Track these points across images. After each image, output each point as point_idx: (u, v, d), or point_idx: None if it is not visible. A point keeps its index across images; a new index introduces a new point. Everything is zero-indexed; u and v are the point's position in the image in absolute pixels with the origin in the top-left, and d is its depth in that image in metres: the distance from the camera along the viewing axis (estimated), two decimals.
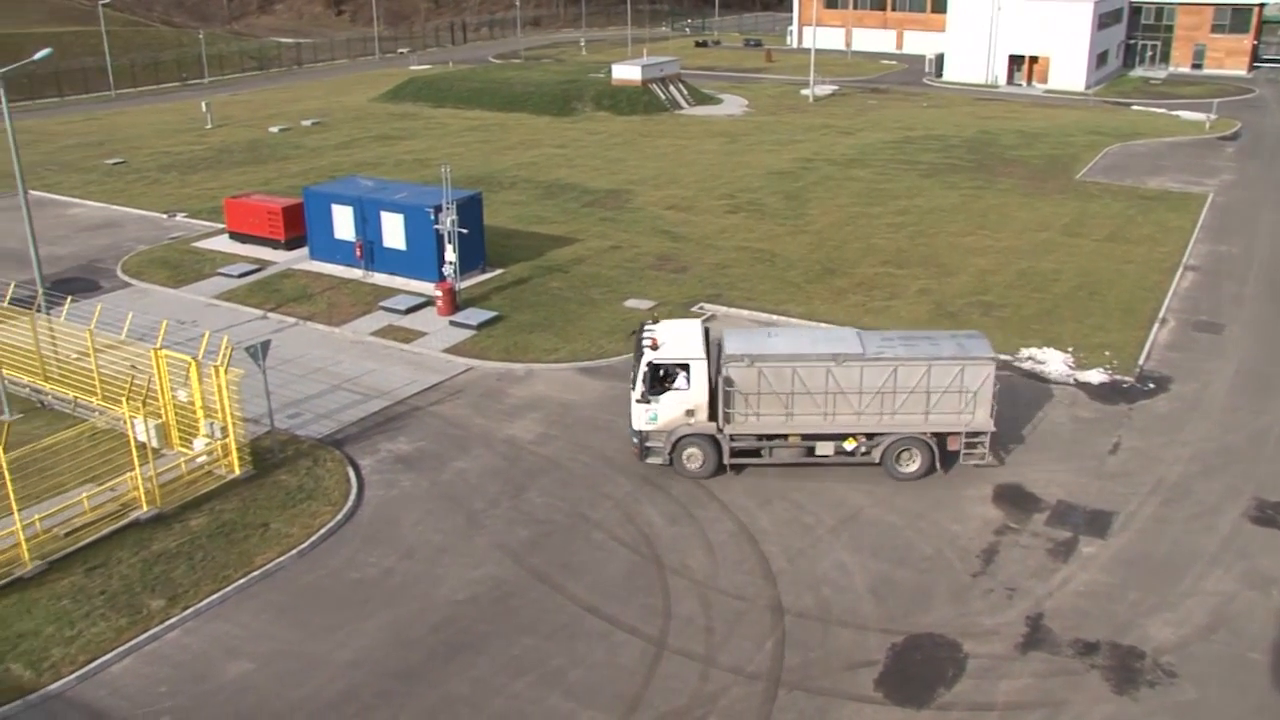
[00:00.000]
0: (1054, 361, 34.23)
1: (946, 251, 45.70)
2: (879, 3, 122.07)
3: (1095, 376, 33.36)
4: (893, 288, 41.16)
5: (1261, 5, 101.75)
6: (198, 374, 28.00)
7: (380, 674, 20.73)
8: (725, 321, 37.45)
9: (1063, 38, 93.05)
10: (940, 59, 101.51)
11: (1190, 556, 24.17)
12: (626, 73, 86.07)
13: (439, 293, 38.45)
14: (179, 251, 46.95)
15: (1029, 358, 34.57)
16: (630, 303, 39.31)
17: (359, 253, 42.47)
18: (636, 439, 27.72)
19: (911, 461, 27.43)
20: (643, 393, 27.14)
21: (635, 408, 27.43)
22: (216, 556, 24.19)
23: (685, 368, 27.14)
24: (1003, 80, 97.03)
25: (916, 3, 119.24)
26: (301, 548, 24.62)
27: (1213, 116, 77.10)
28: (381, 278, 42.28)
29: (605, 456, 28.55)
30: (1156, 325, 37.61)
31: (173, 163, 65.84)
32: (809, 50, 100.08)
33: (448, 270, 39.52)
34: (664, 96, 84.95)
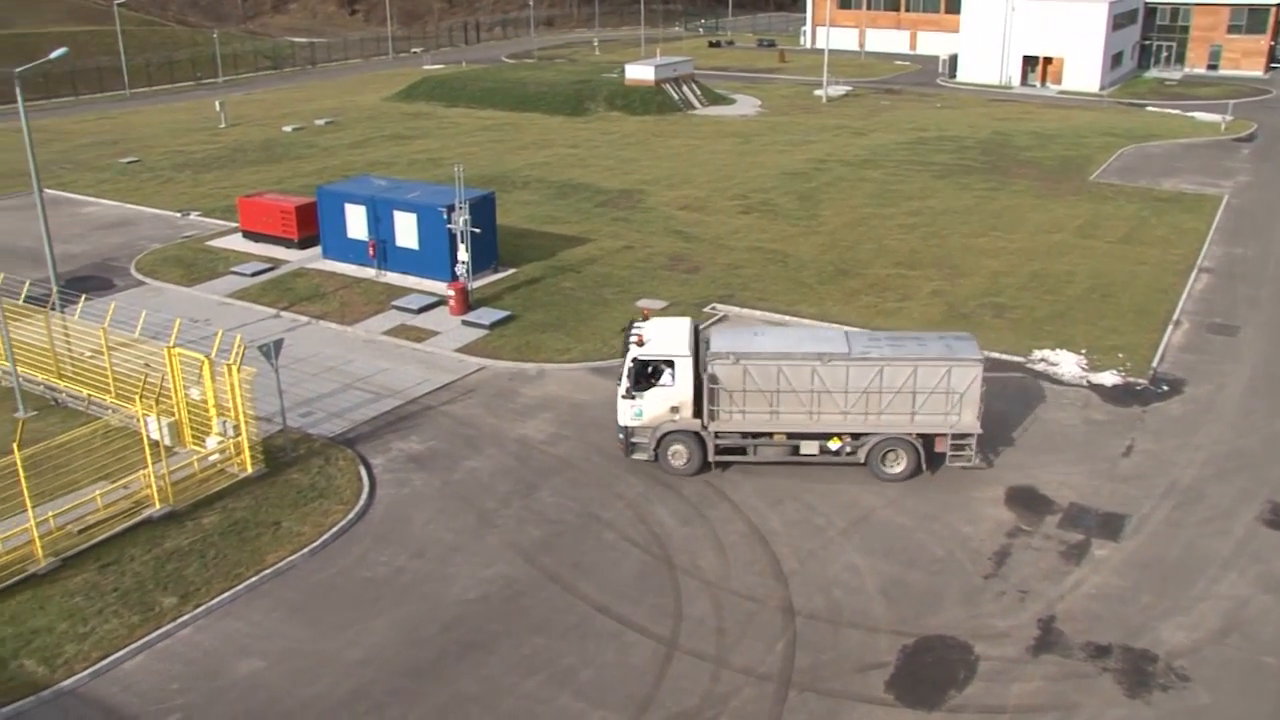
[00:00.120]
0: (1067, 363, 34.09)
1: (959, 253, 45.58)
2: (893, 3, 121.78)
3: (1108, 379, 33.21)
4: (905, 289, 41.06)
5: (1279, 5, 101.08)
6: (210, 372, 28.13)
7: (391, 672, 20.77)
8: (737, 322, 37.43)
9: (1077, 38, 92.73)
10: (954, 60, 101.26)
11: (1204, 560, 24.05)
12: (640, 73, 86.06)
13: (451, 292, 38.54)
14: (192, 250, 47.15)
15: (1042, 359, 34.45)
16: (642, 303, 39.29)
17: (372, 252, 42.57)
18: (622, 434, 28.02)
19: (897, 462, 27.33)
20: (627, 388, 27.43)
21: (621, 403, 27.69)
22: (228, 554, 24.29)
23: (670, 364, 27.38)
24: (1017, 81, 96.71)
25: (930, 3, 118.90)
26: (313, 546, 24.70)
27: (1228, 118, 76.69)
28: (394, 277, 42.38)
29: (617, 457, 28.55)
30: (1170, 327, 37.43)
31: (187, 162, 66.09)
32: (822, 51, 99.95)
33: (460, 270, 39.59)
34: (677, 97, 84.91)
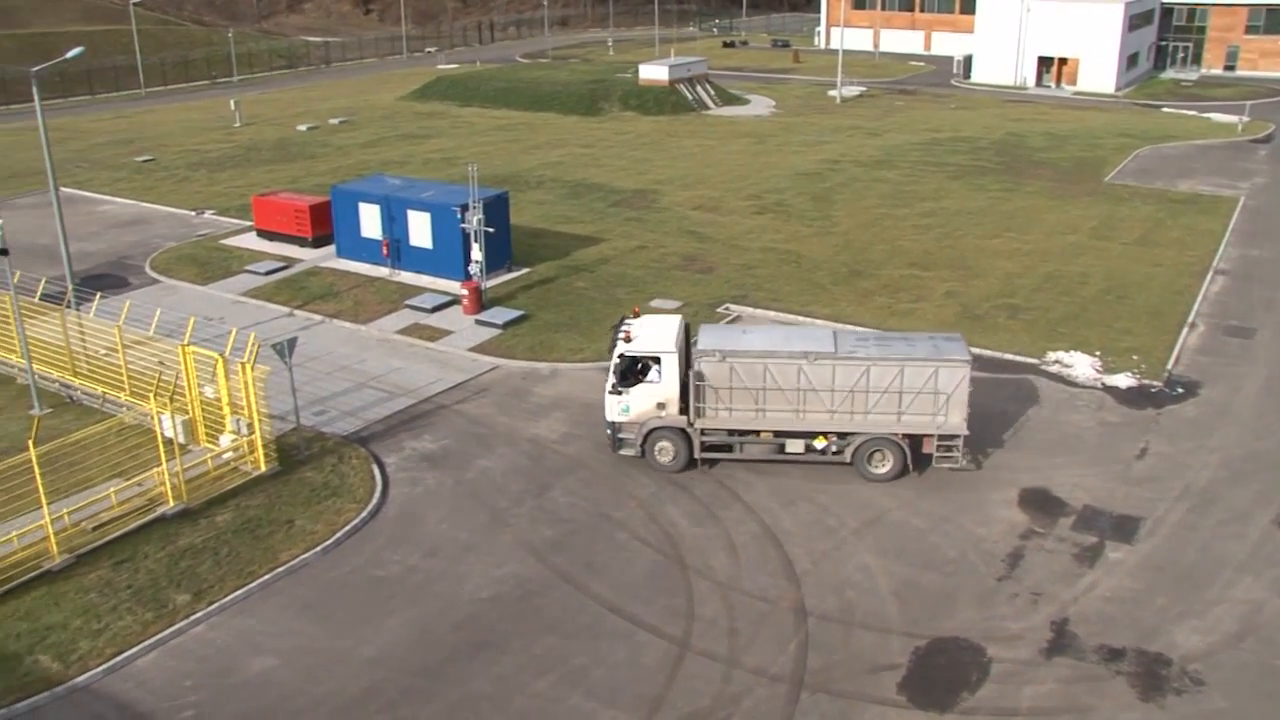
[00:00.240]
0: (1081, 365, 33.94)
1: (973, 254, 45.43)
2: (907, 4, 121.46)
3: (1123, 381, 33.05)
4: (919, 290, 40.95)
5: None
6: (224, 370, 28.24)
7: (403, 671, 20.80)
8: (750, 322, 37.39)
9: (1092, 39, 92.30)
10: (969, 60, 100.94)
11: (1218, 563, 23.92)
12: (654, 73, 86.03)
13: (465, 291, 38.59)
14: (207, 249, 47.32)
15: (1056, 361, 34.30)
16: (656, 303, 39.28)
17: (385, 251, 42.66)
18: (610, 429, 28.17)
19: (883, 463, 27.27)
20: (614, 384, 27.60)
21: (608, 399, 27.83)
22: (242, 552, 24.36)
23: (657, 361, 27.53)
24: (1031, 82, 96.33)
25: (945, 4, 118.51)
26: (326, 544, 24.76)
27: (1245, 119, 76.29)
28: (408, 276, 42.44)
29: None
30: (1185, 329, 37.23)
31: (201, 160, 66.35)
32: (837, 51, 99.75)
33: (474, 269, 39.64)
34: (691, 97, 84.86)
